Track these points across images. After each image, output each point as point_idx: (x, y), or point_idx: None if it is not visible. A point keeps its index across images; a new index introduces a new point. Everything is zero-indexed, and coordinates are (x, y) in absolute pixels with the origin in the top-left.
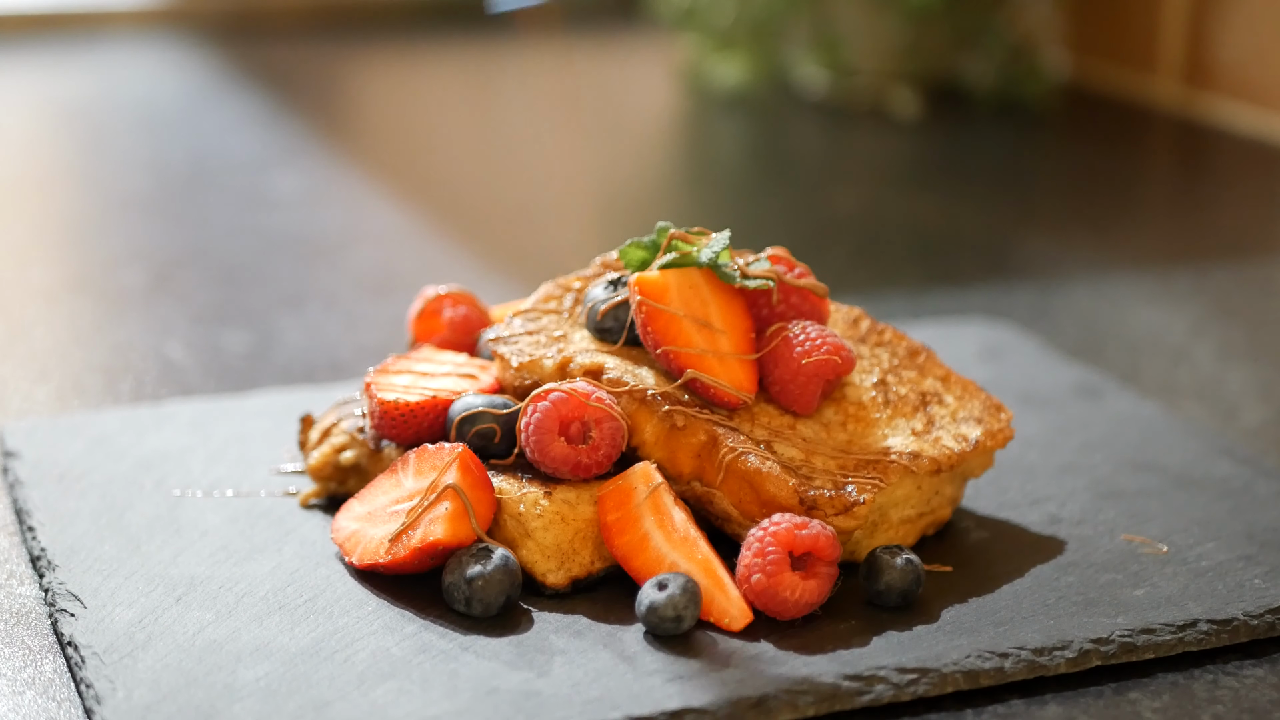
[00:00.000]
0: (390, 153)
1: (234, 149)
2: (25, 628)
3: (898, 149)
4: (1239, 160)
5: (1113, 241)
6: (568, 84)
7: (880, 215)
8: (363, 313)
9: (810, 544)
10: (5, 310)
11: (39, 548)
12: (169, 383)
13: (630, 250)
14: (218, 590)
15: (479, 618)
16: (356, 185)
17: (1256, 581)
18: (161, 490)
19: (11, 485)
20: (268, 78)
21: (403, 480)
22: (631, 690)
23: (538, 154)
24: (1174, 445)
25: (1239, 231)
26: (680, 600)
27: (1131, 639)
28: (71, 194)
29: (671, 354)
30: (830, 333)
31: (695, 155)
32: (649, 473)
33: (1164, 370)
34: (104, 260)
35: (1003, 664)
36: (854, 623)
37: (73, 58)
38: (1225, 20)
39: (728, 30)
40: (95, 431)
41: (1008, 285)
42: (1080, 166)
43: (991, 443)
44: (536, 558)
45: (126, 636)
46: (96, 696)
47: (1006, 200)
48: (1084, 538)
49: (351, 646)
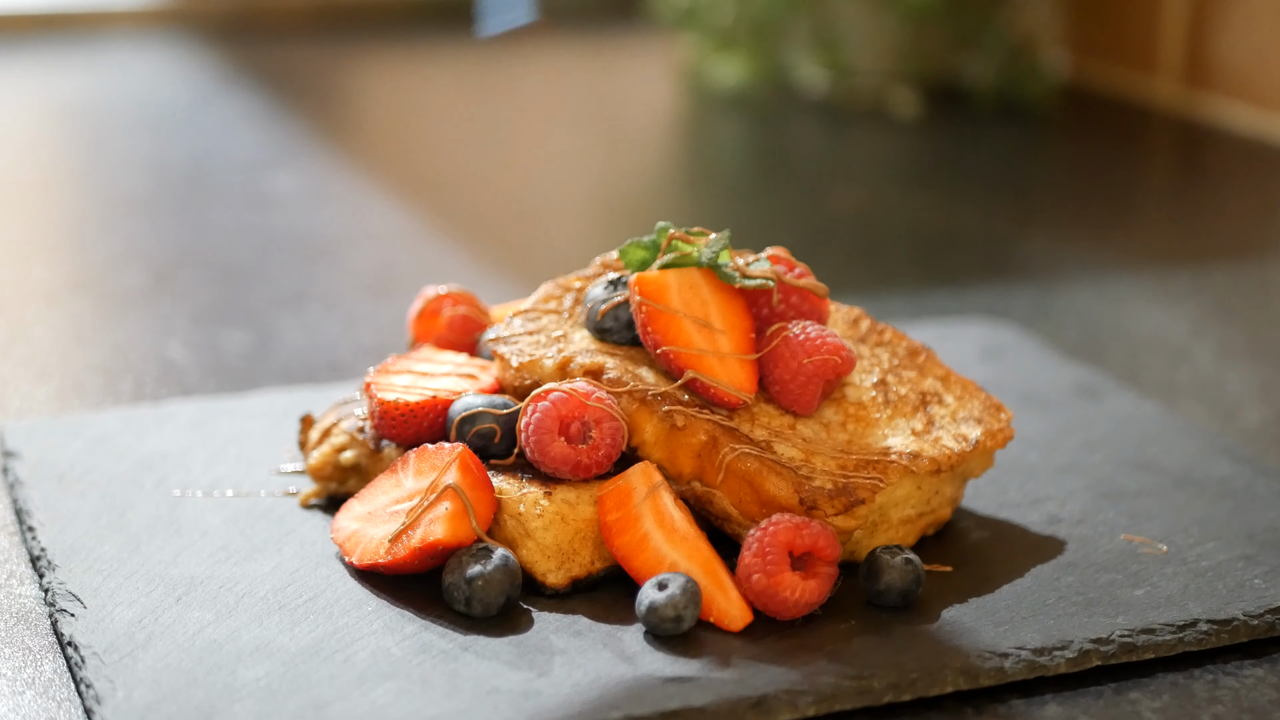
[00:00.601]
0: (390, 153)
1: (234, 149)
2: (25, 628)
3: (898, 149)
4: (1239, 160)
5: (1113, 241)
6: (568, 84)
7: (880, 215)
8: (363, 313)
9: (810, 544)
10: (6, 310)
11: (39, 548)
12: (169, 383)
13: (630, 250)
14: (218, 590)
15: (479, 618)
16: (356, 185)
17: (1256, 581)
18: (161, 490)
19: (11, 485)
20: (268, 78)
21: (403, 480)
22: (631, 690)
23: (538, 154)
24: (1174, 445)
25: (1239, 231)
26: (680, 600)
27: (1131, 639)
28: (71, 194)
29: (671, 354)
30: (830, 333)
31: (695, 155)
32: (649, 473)
33: (1164, 370)
34: (104, 260)
35: (1003, 664)
36: (854, 623)
37: (73, 58)
38: (1225, 20)
39: (728, 30)
40: (95, 431)
41: (1008, 285)
42: (1080, 166)
43: (991, 443)
44: (536, 558)
45: (126, 636)
46: (96, 696)
47: (1006, 200)
48: (1084, 538)
49: (351, 646)
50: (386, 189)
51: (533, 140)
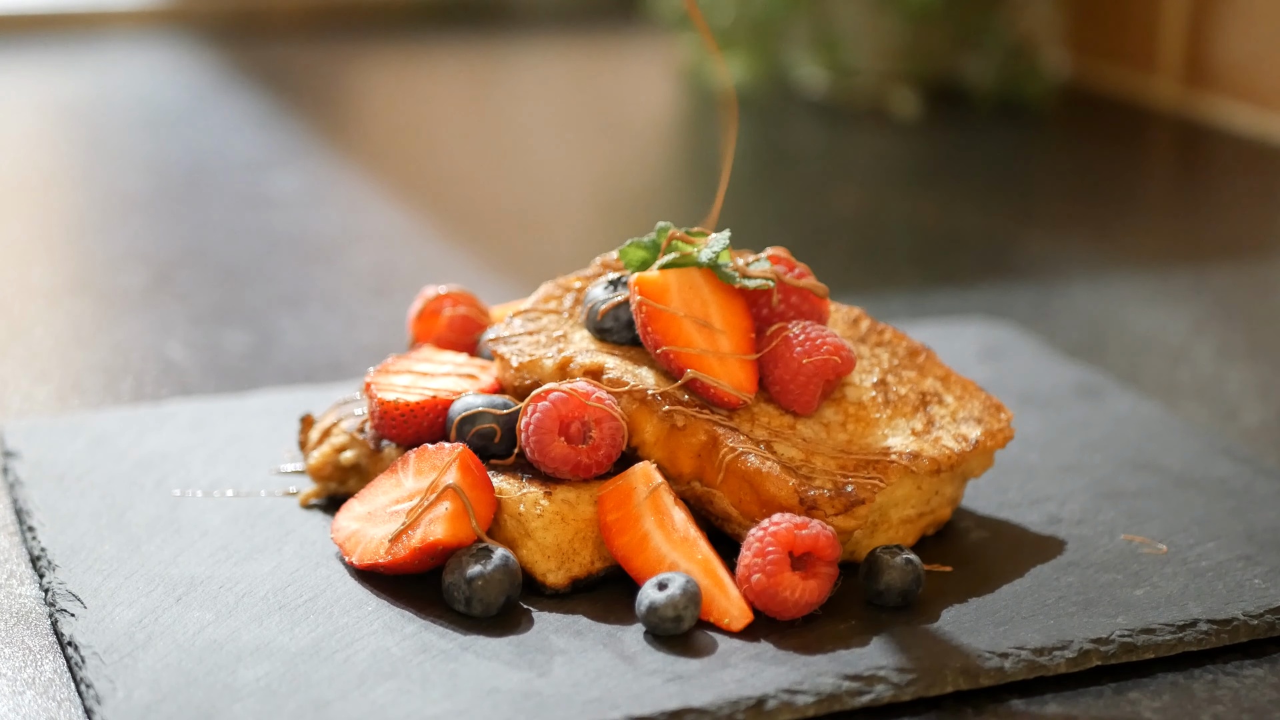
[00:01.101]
0: (390, 153)
1: (234, 149)
2: (25, 628)
3: (898, 149)
4: (1239, 160)
5: (1113, 241)
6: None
7: (880, 215)
8: (363, 313)
9: (810, 544)
10: (6, 310)
11: (39, 547)
12: (169, 383)
13: (630, 250)
14: (218, 590)
15: (479, 618)
16: (356, 185)
17: (1256, 581)
18: (161, 490)
19: (11, 485)
20: (268, 78)
21: (403, 480)
22: (631, 690)
23: (538, 154)
24: (1174, 445)
25: (1239, 231)
26: (680, 600)
27: (1131, 639)
28: (72, 194)
29: (671, 354)
30: (830, 333)
31: (695, 155)
32: (649, 473)
33: (1164, 370)
34: (104, 260)
35: (1003, 664)
36: (854, 623)
37: (73, 58)
38: (1225, 20)
39: (728, 30)
40: (95, 431)
41: (1008, 285)
42: (1080, 166)
43: (991, 443)
44: (536, 558)
45: (126, 636)
46: (96, 696)
47: (1006, 200)
48: (1084, 538)
49: (351, 646)
50: (386, 189)
51: (533, 140)
